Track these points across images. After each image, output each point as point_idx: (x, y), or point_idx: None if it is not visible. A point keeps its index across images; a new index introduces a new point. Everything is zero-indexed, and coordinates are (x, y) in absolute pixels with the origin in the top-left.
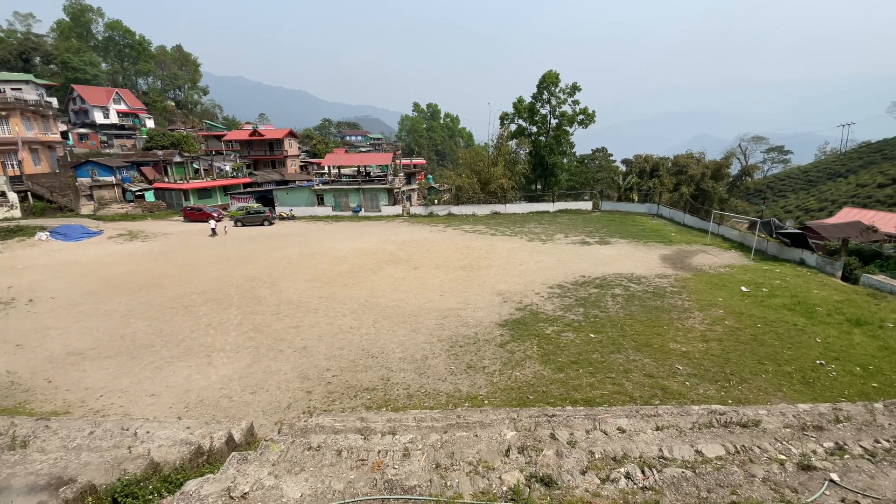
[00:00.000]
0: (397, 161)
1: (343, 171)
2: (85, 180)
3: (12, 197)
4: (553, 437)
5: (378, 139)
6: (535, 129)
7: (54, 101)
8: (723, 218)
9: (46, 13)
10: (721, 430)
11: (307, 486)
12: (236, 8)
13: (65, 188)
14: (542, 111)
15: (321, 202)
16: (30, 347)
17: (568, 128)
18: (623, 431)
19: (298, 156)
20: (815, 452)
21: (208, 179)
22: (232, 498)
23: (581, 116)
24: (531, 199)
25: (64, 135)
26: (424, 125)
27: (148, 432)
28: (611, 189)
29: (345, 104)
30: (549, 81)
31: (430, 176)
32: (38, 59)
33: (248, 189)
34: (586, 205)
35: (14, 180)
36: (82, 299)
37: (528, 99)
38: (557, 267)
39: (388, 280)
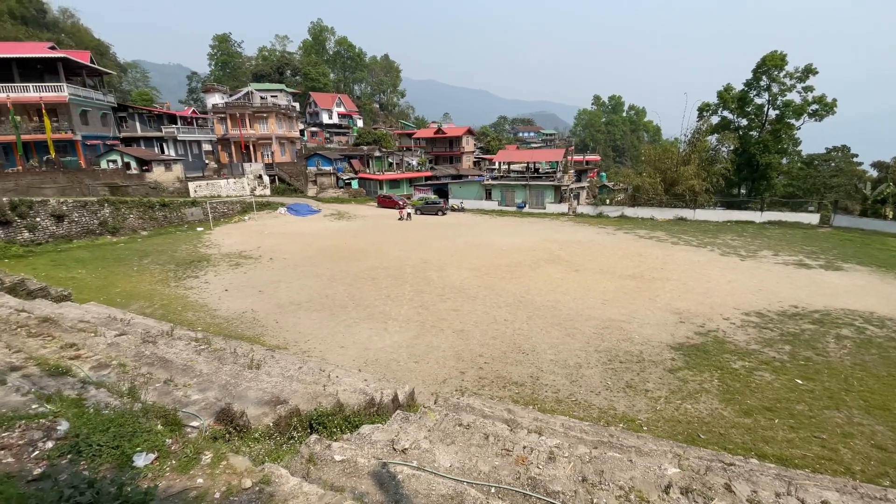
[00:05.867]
0: (569, 157)
1: (512, 166)
2: (312, 169)
3: (266, 179)
4: (728, 488)
5: (551, 135)
6: (744, 121)
7: (297, 106)
8: None
9: (297, 32)
10: None
11: (456, 459)
12: (435, 16)
13: (298, 174)
14: (758, 101)
15: (489, 196)
16: (267, 294)
17: (793, 120)
18: None
19: (473, 152)
20: None
21: (398, 172)
22: (395, 450)
23: (815, 106)
24: (730, 206)
25: (301, 132)
26: (603, 119)
27: (337, 376)
28: (851, 200)
29: (522, 101)
30: (770, 65)
31: (603, 173)
32: (288, 71)
33: (429, 182)
34: (810, 217)
35: (267, 167)
36: (303, 262)
37: (738, 87)
38: (759, 291)
39: (545, 279)
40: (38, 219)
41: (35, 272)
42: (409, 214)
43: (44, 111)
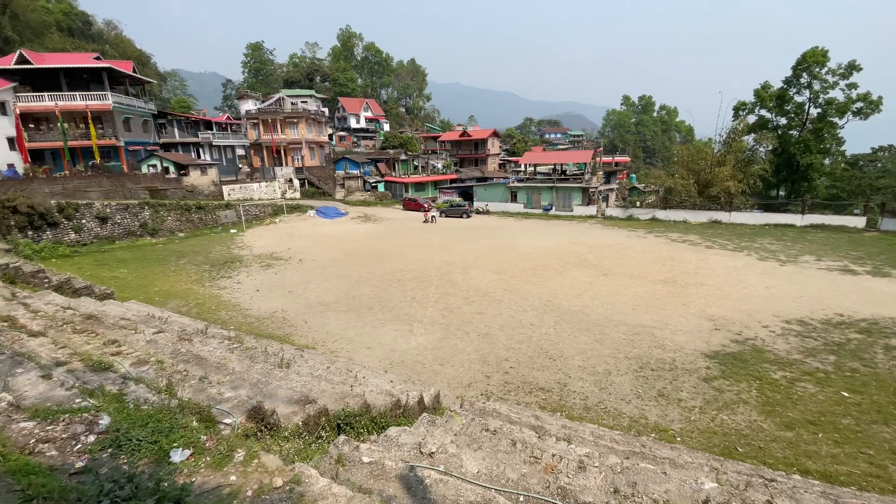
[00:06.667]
0: (597, 159)
1: (538, 168)
2: (339, 173)
3: (296, 183)
4: None
5: (578, 136)
6: (783, 120)
7: (326, 111)
8: None
9: (326, 39)
10: None
11: (483, 465)
12: (459, 18)
13: (327, 178)
14: (798, 98)
15: (514, 199)
16: (297, 294)
17: (836, 119)
18: None
19: (498, 154)
20: None
21: (424, 175)
22: (421, 453)
23: (859, 104)
24: (768, 208)
25: (329, 137)
26: (633, 119)
27: (364, 377)
28: None
29: (548, 102)
30: (811, 61)
31: (633, 175)
32: (318, 77)
33: (453, 184)
34: (855, 221)
35: (297, 170)
36: (331, 264)
37: (776, 84)
38: (800, 297)
39: (572, 283)
40: (83, 221)
41: (80, 271)
42: (433, 217)
43: (89, 118)
